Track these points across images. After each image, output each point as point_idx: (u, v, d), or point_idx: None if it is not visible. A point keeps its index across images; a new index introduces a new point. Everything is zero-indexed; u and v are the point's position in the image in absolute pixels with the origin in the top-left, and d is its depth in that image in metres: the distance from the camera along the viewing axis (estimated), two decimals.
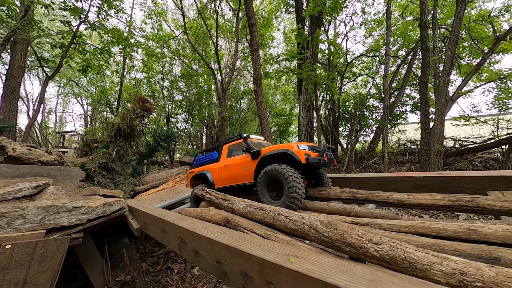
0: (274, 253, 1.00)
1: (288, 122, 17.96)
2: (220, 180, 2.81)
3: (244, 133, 2.90)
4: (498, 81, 8.17)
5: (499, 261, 0.75)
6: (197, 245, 1.56)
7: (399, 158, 10.10)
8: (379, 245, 0.87)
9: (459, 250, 0.84)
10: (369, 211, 1.63)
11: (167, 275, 4.08)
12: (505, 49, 7.66)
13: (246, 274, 1.13)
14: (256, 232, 1.32)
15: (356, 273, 0.79)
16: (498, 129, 7.39)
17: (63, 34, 7.87)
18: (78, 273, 3.22)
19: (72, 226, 2.28)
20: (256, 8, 15.34)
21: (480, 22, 8.51)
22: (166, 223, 2.03)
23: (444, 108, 6.83)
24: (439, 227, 1.02)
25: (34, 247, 2.03)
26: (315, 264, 0.87)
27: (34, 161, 2.94)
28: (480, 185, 1.43)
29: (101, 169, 3.53)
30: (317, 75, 7.56)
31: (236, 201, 1.65)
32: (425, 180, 1.65)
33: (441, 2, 9.25)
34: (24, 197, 2.35)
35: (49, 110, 23.27)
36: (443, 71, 6.75)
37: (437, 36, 7.94)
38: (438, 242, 0.90)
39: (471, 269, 0.69)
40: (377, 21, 12.39)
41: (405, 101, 11.25)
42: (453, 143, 8.60)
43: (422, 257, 0.79)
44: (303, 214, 1.11)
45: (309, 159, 1.96)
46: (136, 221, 2.82)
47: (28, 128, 7.95)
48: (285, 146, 2.14)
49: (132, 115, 4.37)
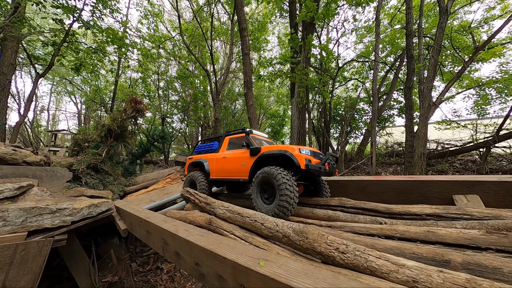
0: (246, 257, 1.01)
1: (282, 124, 18.06)
2: (216, 171, 2.68)
3: (248, 128, 2.77)
4: (477, 88, 8.50)
5: (449, 263, 0.78)
6: (178, 247, 1.54)
7: (386, 160, 10.33)
8: (345, 254, 0.89)
9: (417, 253, 0.87)
10: (354, 218, 1.62)
11: (156, 275, 4.01)
12: (483, 58, 7.98)
13: (221, 276, 1.12)
14: (236, 234, 1.32)
15: (320, 277, 0.80)
16: (477, 133, 7.68)
17: (56, 32, 7.61)
18: (64, 275, 3.12)
19: (55, 228, 2.21)
20: (251, 12, 15.36)
21: (462, 33, 8.83)
22: (151, 224, 1.99)
23: (428, 112, 7.04)
24: (403, 229, 1.05)
25: (14, 250, 1.95)
26: (282, 268, 0.88)
27: (18, 162, 2.83)
28: (446, 188, 1.48)
29: (89, 170, 3.43)
30: (309, 78, 7.64)
31: (216, 206, 1.64)
32: (398, 183, 1.70)
33: (426, 13, 9.54)
34: (6, 199, 2.25)
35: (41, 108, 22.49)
36: (427, 77, 6.96)
37: (422, 45, 8.19)
38: (399, 245, 0.93)
39: (422, 276, 0.72)
40: (367, 28, 12.66)
41: (393, 105, 11.53)
42: (436, 146, 8.87)
43: (382, 266, 0.81)
44: (277, 221, 1.12)
45: (309, 165, 1.77)
46: (123, 222, 2.76)
47: (18, 126, 7.66)
48: (286, 148, 1.97)
49: (124, 116, 4.28)
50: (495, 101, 8.06)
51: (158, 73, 14.60)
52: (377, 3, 9.33)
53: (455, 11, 8.85)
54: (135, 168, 6.14)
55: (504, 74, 7.47)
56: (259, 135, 2.89)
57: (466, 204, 1.33)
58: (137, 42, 11.23)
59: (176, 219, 1.89)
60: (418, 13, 7.78)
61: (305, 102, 8.33)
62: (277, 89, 16.59)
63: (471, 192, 1.39)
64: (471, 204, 1.31)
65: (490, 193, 1.34)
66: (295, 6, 9.04)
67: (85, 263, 2.92)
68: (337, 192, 2.15)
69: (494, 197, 1.31)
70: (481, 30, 9.09)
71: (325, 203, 2.09)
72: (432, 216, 1.41)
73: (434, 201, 1.50)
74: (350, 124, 11.80)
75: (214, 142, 3.10)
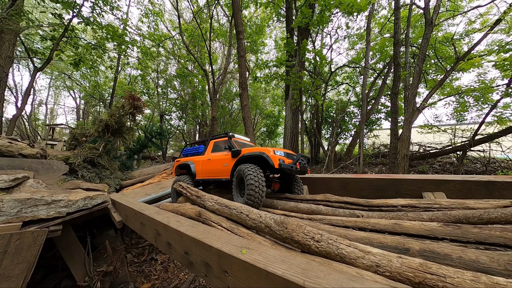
0: (230, 245, 1.04)
1: (276, 124, 18.15)
2: (202, 172, 2.81)
3: (230, 132, 2.89)
4: (457, 96, 8.80)
5: (409, 251, 0.85)
6: (169, 237, 1.56)
7: (373, 160, 10.57)
8: (319, 243, 0.94)
9: (383, 242, 0.93)
10: (334, 212, 1.70)
11: (150, 265, 4.00)
12: (464, 68, 8.26)
13: (208, 263, 1.16)
14: (223, 225, 1.36)
15: (294, 263, 0.85)
16: (455, 137, 7.97)
17: (55, 26, 7.36)
18: (59, 265, 3.08)
19: (50, 219, 2.18)
20: (250, 15, 15.27)
21: (445, 44, 9.09)
22: (145, 216, 2.00)
23: (412, 117, 7.25)
24: (374, 222, 1.11)
25: (9, 239, 1.92)
26: (262, 255, 0.92)
27: (14, 154, 2.76)
28: (417, 186, 1.57)
29: (86, 164, 3.37)
30: (303, 81, 7.71)
31: (206, 199, 1.67)
32: (376, 181, 1.77)
33: (413, 23, 9.76)
34: (1, 190, 2.20)
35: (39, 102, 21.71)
36: (412, 84, 7.15)
37: (409, 53, 8.40)
38: (369, 235, 0.99)
39: (384, 261, 0.78)
40: (359, 36, 12.83)
41: (380, 109, 11.77)
42: (418, 148, 9.15)
43: (351, 252, 0.86)
44: (261, 213, 1.16)
45: (282, 164, 1.93)
46: (118, 214, 2.75)
47: (15, 119, 7.40)
48: (263, 150, 2.12)
49: (122, 112, 4.22)
50: (472, 108, 8.36)
51: (158, 71, 14.35)
52: (368, 13, 9.48)
53: (440, 23, 9.10)
54: (133, 163, 6.06)
55: (481, 84, 7.76)
56: (241, 139, 3.05)
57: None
58: (137, 40, 10.99)
59: (169, 211, 1.90)
60: (406, 24, 7.96)
61: (298, 104, 8.42)
62: (272, 90, 16.65)
63: (438, 189, 1.48)
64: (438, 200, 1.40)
65: (454, 191, 1.43)
66: (291, 11, 9.08)
67: (80, 254, 2.90)
68: (322, 188, 2.22)
69: (457, 194, 1.40)
70: (462, 42, 9.38)
71: (311, 198, 2.16)
72: (407, 207, 1.51)
73: (406, 197, 1.58)
74: (341, 126, 11.99)
75: (201, 146, 3.21)
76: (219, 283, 1.09)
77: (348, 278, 0.72)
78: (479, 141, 7.09)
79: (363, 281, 0.70)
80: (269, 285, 0.84)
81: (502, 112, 6.91)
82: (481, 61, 7.85)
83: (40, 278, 2.89)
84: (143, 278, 3.62)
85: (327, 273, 0.77)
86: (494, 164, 7.16)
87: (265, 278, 0.84)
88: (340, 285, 0.70)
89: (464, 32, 9.01)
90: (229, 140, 2.59)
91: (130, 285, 3.30)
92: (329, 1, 6.20)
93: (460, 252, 0.77)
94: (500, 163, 7.16)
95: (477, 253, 0.74)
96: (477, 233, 0.92)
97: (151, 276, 3.71)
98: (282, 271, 0.80)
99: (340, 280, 0.71)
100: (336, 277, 0.73)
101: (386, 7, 11.21)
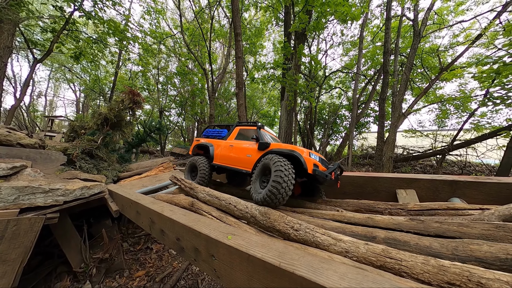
0: (218, 232, 1.09)
1: (272, 124, 18.23)
2: (220, 157, 2.49)
3: (260, 123, 2.57)
4: (439, 103, 9.08)
5: (375, 238, 0.92)
6: (163, 225, 1.60)
7: (361, 161, 10.81)
8: (298, 231, 1.00)
9: (354, 232, 1.00)
10: (317, 206, 1.74)
11: (146, 254, 4.01)
12: (447, 78, 8.52)
13: (197, 248, 1.20)
14: (213, 215, 1.40)
15: (273, 247, 0.90)
16: (436, 142, 8.25)
17: (55, 19, 7.11)
18: (56, 252, 3.05)
19: (48, 207, 2.16)
20: (250, 17, 15.15)
21: (431, 54, 9.33)
22: (140, 206, 2.02)
23: (398, 121, 7.44)
24: (350, 215, 1.18)
25: (6, 224, 1.90)
26: (245, 240, 0.98)
27: (12, 143, 2.69)
28: (392, 184, 1.66)
29: (84, 155, 3.33)
30: (298, 84, 7.77)
31: (199, 191, 1.70)
32: (357, 178, 1.86)
33: (403, 34, 9.94)
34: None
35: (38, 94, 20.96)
36: (399, 91, 7.33)
37: (398, 62, 8.57)
38: (343, 226, 1.05)
39: (352, 248, 0.85)
40: (353, 43, 12.96)
41: (369, 113, 12.00)
42: (402, 151, 9.42)
43: (325, 240, 0.93)
44: (247, 204, 1.21)
45: (316, 170, 1.56)
46: (115, 204, 2.75)
47: (13, 110, 7.15)
48: (296, 149, 1.75)
49: (121, 106, 4.16)
50: (452, 115, 8.65)
51: (158, 68, 14.10)
52: (362, 22, 9.59)
53: (427, 35, 9.32)
54: (131, 156, 5.99)
55: (462, 93, 8.03)
56: (270, 132, 2.72)
57: (404, 197, 1.51)
58: (139, 36, 10.74)
59: (163, 201, 1.93)
60: (396, 34, 8.11)
61: (293, 105, 8.48)
62: (269, 91, 16.67)
63: (410, 187, 1.58)
64: (409, 196, 1.49)
65: (423, 188, 1.52)
66: (290, 16, 9.07)
67: (77, 241, 2.88)
68: None
69: (426, 192, 1.50)
70: (447, 53, 9.65)
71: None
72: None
73: (383, 194, 1.68)
74: (332, 127, 12.18)
75: (224, 130, 2.90)
76: (207, 266, 1.14)
77: (319, 260, 0.78)
78: (457, 146, 7.38)
79: (331, 263, 0.76)
80: (250, 267, 0.89)
81: (479, 120, 7.20)
82: (463, 72, 8.12)
83: (37, 263, 2.87)
84: (138, 266, 3.63)
85: (301, 256, 0.83)
86: (469, 167, 7.48)
87: (246, 260, 0.90)
88: (311, 266, 0.76)
89: (448, 45, 9.27)
90: (258, 130, 2.26)
91: (125, 272, 3.31)
92: (325, 8, 6.24)
93: (417, 239, 0.84)
94: (475, 167, 7.48)
95: (430, 240, 0.82)
96: (437, 227, 1.00)
97: (146, 264, 3.72)
98: (262, 254, 0.85)
99: (311, 262, 0.77)
100: (309, 259, 0.79)
101: (378, 17, 11.37)
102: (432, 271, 0.65)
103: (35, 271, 2.81)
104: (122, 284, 3.13)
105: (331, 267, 0.73)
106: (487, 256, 0.72)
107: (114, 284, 3.09)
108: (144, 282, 3.21)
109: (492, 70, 5.38)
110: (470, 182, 1.43)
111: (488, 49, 7.45)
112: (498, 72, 5.15)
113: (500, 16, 6.19)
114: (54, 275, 2.88)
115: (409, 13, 8.34)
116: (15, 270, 1.92)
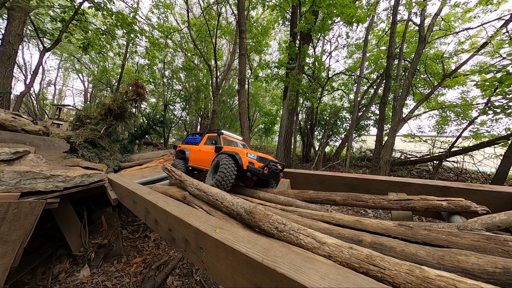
0: (207, 225, 1.08)
1: (273, 122, 18.14)
2: (193, 160, 2.98)
3: (222, 130, 3.07)
4: (440, 110, 8.92)
5: (362, 242, 0.89)
6: (157, 215, 1.60)
7: (359, 163, 10.74)
8: (282, 232, 0.99)
9: (341, 234, 0.97)
10: (308, 205, 1.74)
11: (144, 242, 4.06)
12: (449, 85, 8.33)
13: (187, 240, 1.20)
14: (203, 208, 1.39)
15: (258, 243, 0.89)
16: (434, 148, 8.14)
17: (65, 9, 7.05)
18: (57, 235, 3.10)
19: (48, 192, 2.17)
20: (257, 16, 14.89)
21: (435, 61, 9.11)
22: (137, 195, 2.02)
23: (397, 126, 7.33)
24: (339, 217, 1.16)
25: (7, 207, 1.92)
26: (232, 235, 0.96)
27: (17, 129, 2.70)
28: (385, 186, 1.63)
29: (86, 144, 3.34)
30: (301, 84, 7.66)
31: (188, 184, 1.70)
32: (350, 179, 1.83)
33: (408, 39, 9.70)
34: (2, 161, 2.17)
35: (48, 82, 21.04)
36: (401, 96, 7.19)
37: (401, 67, 8.40)
38: (330, 227, 1.03)
39: (336, 252, 0.83)
40: (357, 46, 12.71)
41: (370, 116, 11.85)
42: (400, 155, 9.32)
43: (309, 243, 0.91)
44: (233, 201, 1.20)
45: (249, 166, 2.05)
46: (114, 192, 2.76)
47: (21, 96, 7.18)
48: (238, 151, 2.22)
49: (125, 97, 4.14)
50: (452, 122, 8.50)
51: (164, 62, 14.01)
52: (367, 25, 9.37)
53: (433, 41, 9.08)
54: (134, 147, 6.02)
55: (463, 101, 7.86)
56: (231, 137, 3.16)
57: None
58: (146, 29, 10.64)
59: (159, 192, 1.93)
60: (401, 38, 7.91)
61: (295, 105, 8.41)
62: (272, 90, 16.51)
63: (402, 191, 1.55)
64: None
65: (415, 193, 1.49)
66: (296, 16, 8.89)
67: (77, 226, 2.92)
68: (302, 183, 2.28)
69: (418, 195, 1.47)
70: (451, 60, 9.41)
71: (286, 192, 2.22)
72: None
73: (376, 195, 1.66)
74: (332, 129, 12.07)
75: (198, 137, 3.34)
76: (195, 257, 1.13)
77: (302, 259, 0.77)
78: (455, 153, 7.27)
79: (314, 262, 0.74)
80: (234, 261, 0.88)
81: (478, 128, 7.06)
82: (465, 80, 7.93)
83: (38, 245, 2.91)
84: (136, 253, 3.68)
85: (285, 253, 0.81)
86: (465, 174, 7.39)
87: (231, 254, 0.88)
88: (294, 264, 0.74)
89: (453, 51, 9.03)
90: (217, 136, 2.76)
91: (123, 258, 3.36)
92: (332, 9, 6.08)
93: (403, 246, 0.81)
94: (471, 174, 7.38)
95: (417, 248, 0.79)
96: (425, 235, 0.97)
97: (143, 251, 3.77)
98: (246, 249, 0.84)
99: (294, 260, 0.75)
100: (292, 257, 0.77)
101: (384, 21, 11.09)
102: (415, 282, 0.62)
103: (36, 252, 2.86)
104: (120, 269, 3.18)
105: (313, 266, 0.71)
106: (474, 268, 0.69)
107: (112, 269, 3.14)
108: (141, 268, 3.26)
109: (495, 79, 5.24)
110: (461, 189, 1.40)
111: (492, 58, 7.24)
112: (501, 81, 5.02)
113: (507, 25, 5.99)
114: (55, 257, 2.94)
115: (416, 18, 8.10)
116: (16, 251, 1.95)
